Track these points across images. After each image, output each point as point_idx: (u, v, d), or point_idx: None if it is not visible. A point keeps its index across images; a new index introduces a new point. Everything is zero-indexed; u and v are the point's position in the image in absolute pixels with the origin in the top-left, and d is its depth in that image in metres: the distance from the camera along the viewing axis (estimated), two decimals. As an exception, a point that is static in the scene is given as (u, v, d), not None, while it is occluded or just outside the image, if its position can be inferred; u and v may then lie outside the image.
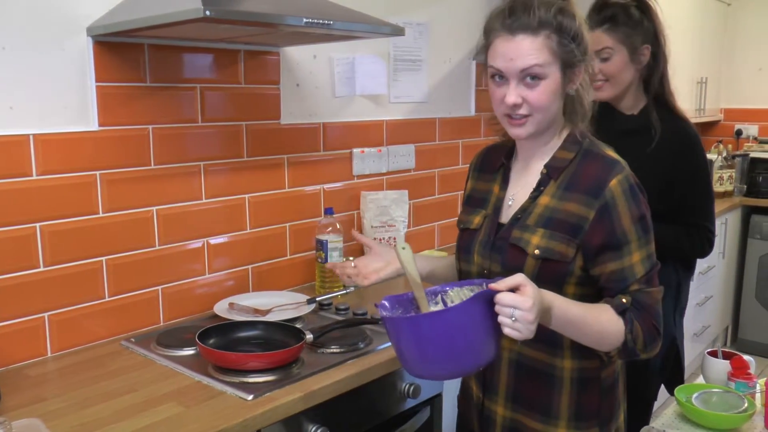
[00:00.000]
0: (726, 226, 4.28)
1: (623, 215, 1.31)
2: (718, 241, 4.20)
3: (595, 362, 1.40)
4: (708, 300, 4.15)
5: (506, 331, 1.17)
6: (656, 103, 2.05)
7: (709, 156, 4.60)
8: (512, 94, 1.35)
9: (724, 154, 4.61)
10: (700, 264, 3.93)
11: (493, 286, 1.19)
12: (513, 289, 1.18)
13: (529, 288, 1.18)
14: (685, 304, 2.20)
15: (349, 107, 2.55)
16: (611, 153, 1.40)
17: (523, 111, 1.36)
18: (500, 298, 1.17)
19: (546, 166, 1.41)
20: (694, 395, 1.73)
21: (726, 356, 1.92)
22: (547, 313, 1.23)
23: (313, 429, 1.61)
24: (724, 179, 4.50)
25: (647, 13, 2.01)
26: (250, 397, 1.53)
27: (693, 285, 3.83)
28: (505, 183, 1.49)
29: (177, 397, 1.55)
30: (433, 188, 2.97)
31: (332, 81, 2.48)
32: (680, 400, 1.72)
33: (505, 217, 1.45)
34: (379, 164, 2.69)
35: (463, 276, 1.53)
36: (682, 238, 2.02)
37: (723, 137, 5.07)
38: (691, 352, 2.36)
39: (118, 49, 1.86)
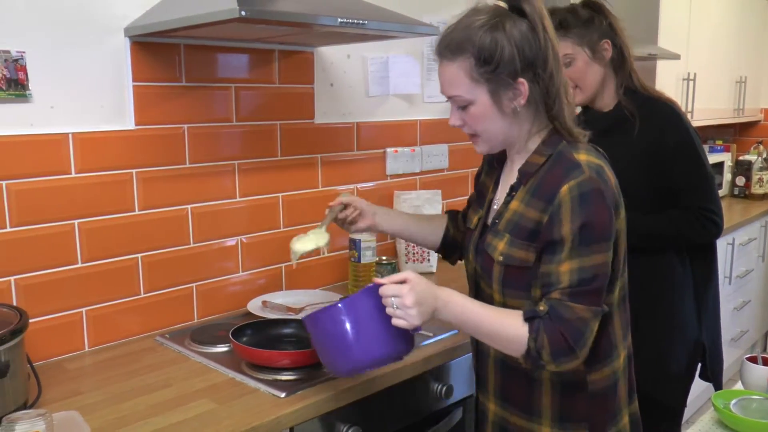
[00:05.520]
0: (765, 228, 4.19)
1: (564, 221, 1.27)
2: (757, 245, 4.12)
3: (579, 366, 1.37)
4: (746, 304, 4.07)
5: (393, 320, 1.28)
6: (628, 93, 1.99)
7: (748, 157, 4.53)
8: (452, 116, 1.40)
9: (765, 155, 4.51)
10: (737, 268, 3.87)
11: (377, 280, 1.32)
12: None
13: (413, 279, 1.28)
14: (712, 304, 2.10)
15: (382, 107, 2.55)
16: (581, 156, 1.33)
17: (468, 131, 1.41)
18: (383, 290, 1.29)
19: (519, 170, 1.40)
20: (732, 402, 1.69)
21: (766, 362, 1.87)
22: (444, 307, 1.31)
23: (346, 428, 1.61)
24: (764, 181, 4.41)
25: (597, 10, 1.96)
26: (283, 395, 1.54)
27: (731, 289, 3.78)
28: (496, 185, 1.51)
29: (210, 394, 1.57)
30: (466, 188, 2.95)
31: (366, 80, 2.48)
32: (717, 406, 1.68)
33: (491, 219, 1.47)
34: (412, 164, 2.68)
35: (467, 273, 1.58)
36: (681, 224, 1.94)
37: (763, 138, 4.96)
38: (728, 357, 2.30)
39: (154, 49, 1.89)
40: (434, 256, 2.59)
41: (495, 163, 1.53)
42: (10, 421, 1.23)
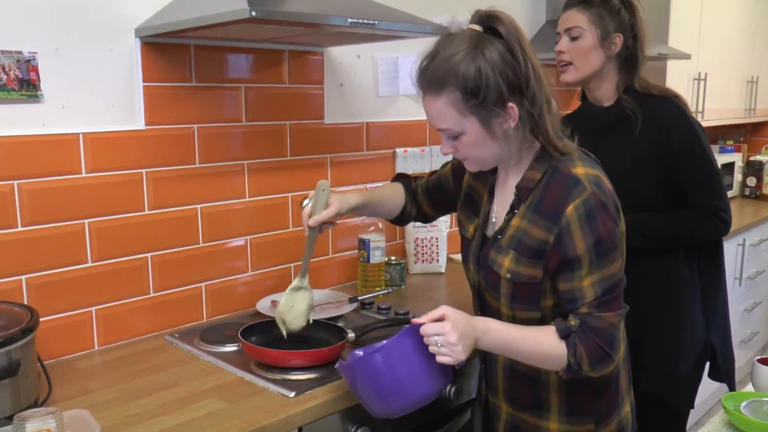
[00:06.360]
0: (776, 229, 4.17)
1: (577, 241, 1.30)
2: (768, 246, 4.10)
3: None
4: (756, 306, 4.04)
5: (438, 358, 1.29)
6: (628, 92, 1.96)
7: (759, 158, 4.50)
8: (443, 146, 1.41)
9: (776, 156, 4.49)
10: (748, 269, 3.84)
11: (416, 320, 1.31)
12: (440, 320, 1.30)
13: (452, 315, 1.29)
14: (721, 304, 2.09)
15: (392, 107, 2.55)
16: (578, 169, 1.34)
17: (460, 156, 1.42)
18: (424, 329, 1.29)
19: (517, 187, 1.41)
20: (743, 404, 1.68)
21: (777, 364, 1.86)
22: (484, 336, 1.33)
23: (354, 428, 1.61)
24: (775, 182, 4.38)
25: (628, 6, 1.94)
26: (292, 395, 1.55)
27: (741, 290, 3.76)
28: (491, 196, 1.52)
29: (219, 393, 1.57)
30: (475, 188, 2.95)
31: (376, 81, 2.48)
32: (728, 408, 1.67)
33: (490, 231, 1.48)
34: (422, 164, 2.68)
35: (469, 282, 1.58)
36: (691, 223, 1.92)
37: (775, 139, 4.94)
38: (739, 359, 2.28)
39: (164, 49, 1.89)
40: (443, 256, 2.59)
41: (488, 171, 1.52)
42: (21, 419, 1.24)
